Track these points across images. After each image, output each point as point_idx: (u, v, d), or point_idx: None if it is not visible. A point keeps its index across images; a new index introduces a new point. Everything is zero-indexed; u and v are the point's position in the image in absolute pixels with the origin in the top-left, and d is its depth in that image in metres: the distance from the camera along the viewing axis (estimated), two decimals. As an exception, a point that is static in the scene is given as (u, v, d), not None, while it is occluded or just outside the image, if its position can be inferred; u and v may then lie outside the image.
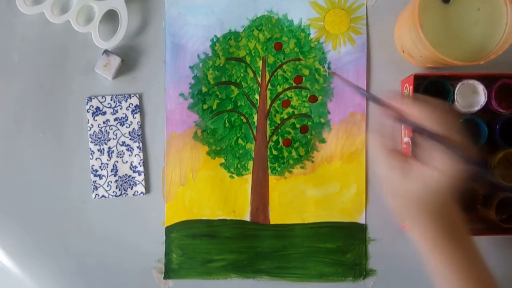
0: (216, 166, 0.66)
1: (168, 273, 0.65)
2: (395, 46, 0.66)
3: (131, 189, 0.65)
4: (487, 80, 0.61)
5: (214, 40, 0.66)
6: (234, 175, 0.66)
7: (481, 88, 0.61)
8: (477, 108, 0.61)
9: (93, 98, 0.65)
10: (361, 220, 0.66)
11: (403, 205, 0.48)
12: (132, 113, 0.66)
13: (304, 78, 0.66)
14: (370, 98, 0.50)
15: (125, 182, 0.65)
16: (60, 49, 0.65)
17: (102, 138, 0.65)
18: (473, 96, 0.61)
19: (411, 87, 0.61)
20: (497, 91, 0.61)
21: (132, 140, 0.66)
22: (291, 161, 0.66)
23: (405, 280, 0.65)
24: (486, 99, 0.61)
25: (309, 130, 0.66)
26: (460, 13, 0.60)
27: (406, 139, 0.63)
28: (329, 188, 0.66)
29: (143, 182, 0.65)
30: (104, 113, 0.65)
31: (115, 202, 0.66)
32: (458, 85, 0.61)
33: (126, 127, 0.66)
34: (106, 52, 0.64)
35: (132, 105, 0.66)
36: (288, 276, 0.65)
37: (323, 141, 0.66)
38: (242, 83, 0.66)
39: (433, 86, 0.61)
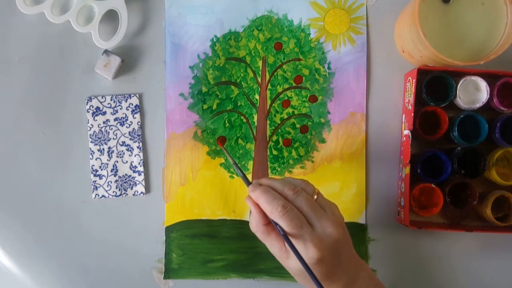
0: (216, 166, 0.66)
1: (168, 273, 0.65)
2: (395, 46, 0.66)
3: (131, 189, 0.65)
4: (490, 77, 0.62)
5: (214, 40, 0.66)
6: (234, 175, 0.66)
7: (483, 85, 0.61)
8: (478, 105, 0.61)
9: (93, 98, 0.65)
10: (361, 220, 0.66)
11: (296, 278, 0.52)
12: (132, 113, 0.66)
13: (304, 78, 0.66)
14: (242, 177, 0.55)
15: (125, 182, 0.65)
16: (60, 49, 0.66)
17: (102, 138, 0.65)
18: (475, 93, 0.61)
19: (414, 80, 0.61)
20: (500, 89, 0.61)
21: (132, 140, 0.66)
22: (291, 161, 0.66)
23: (405, 280, 0.65)
24: (488, 96, 0.61)
25: (309, 130, 0.66)
26: (460, 13, 0.60)
27: (406, 132, 0.63)
28: (329, 188, 0.66)
29: (143, 182, 0.65)
30: (104, 113, 0.65)
31: (115, 202, 0.65)
32: (461, 81, 0.61)
33: (126, 127, 0.66)
34: (106, 52, 0.64)
35: (132, 105, 0.66)
36: (288, 276, 0.65)
37: (323, 141, 0.66)
38: (242, 83, 0.66)
39: (436, 80, 0.61)
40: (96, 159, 0.65)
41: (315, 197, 0.51)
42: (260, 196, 0.49)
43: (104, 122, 0.65)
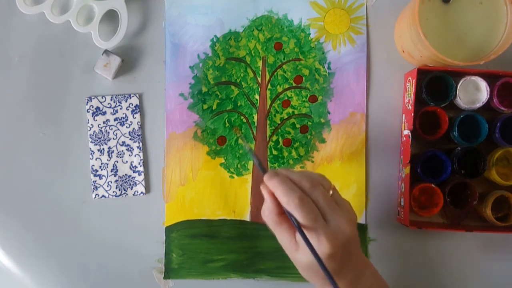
0: (216, 166, 0.66)
1: (168, 273, 0.65)
2: (395, 46, 0.66)
3: (131, 189, 0.65)
4: (490, 77, 0.62)
5: (214, 40, 0.66)
6: (234, 175, 0.66)
7: (483, 85, 0.61)
8: (478, 105, 0.61)
9: (93, 98, 0.65)
10: (361, 220, 0.66)
11: (302, 272, 0.52)
12: (132, 113, 0.66)
13: (304, 78, 0.66)
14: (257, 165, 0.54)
15: (125, 182, 0.65)
16: (60, 49, 0.66)
17: (102, 138, 0.65)
18: (475, 93, 0.61)
19: (414, 80, 0.61)
20: (500, 89, 0.61)
21: (132, 140, 0.66)
22: (291, 161, 0.66)
23: (405, 280, 0.65)
24: (488, 96, 0.61)
25: (309, 130, 0.66)
26: (460, 13, 0.60)
27: (406, 132, 0.63)
28: (329, 188, 0.65)
29: (143, 182, 0.65)
30: (104, 113, 0.65)
31: (115, 202, 0.65)
32: (461, 81, 0.61)
33: (126, 127, 0.66)
34: (106, 52, 0.64)
35: (132, 105, 0.66)
36: (288, 276, 0.65)
37: (323, 141, 0.66)
38: (242, 83, 0.66)
39: (436, 80, 0.61)
40: (96, 159, 0.65)
41: (331, 192, 0.51)
42: (277, 186, 0.49)
43: (104, 122, 0.65)
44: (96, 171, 0.65)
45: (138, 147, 0.66)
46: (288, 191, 0.48)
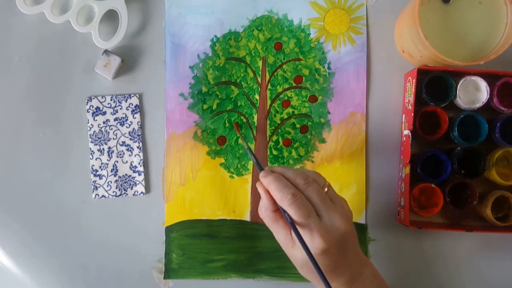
0: (216, 166, 0.66)
1: (168, 273, 0.65)
2: (395, 46, 0.66)
3: (131, 189, 0.65)
4: (490, 77, 0.62)
5: (214, 40, 0.66)
6: (234, 175, 0.66)
7: (483, 85, 0.61)
8: (478, 105, 0.61)
9: (93, 98, 0.65)
10: (361, 220, 0.66)
11: (298, 268, 0.52)
12: (132, 113, 0.66)
13: (304, 78, 0.66)
14: (256, 164, 0.55)
15: (125, 182, 0.65)
16: (60, 49, 0.66)
17: (102, 138, 0.65)
18: (475, 93, 0.61)
19: (414, 80, 0.61)
20: (500, 89, 0.61)
21: (132, 140, 0.66)
22: (291, 161, 0.66)
23: (405, 280, 0.65)
24: (488, 96, 0.61)
25: (309, 130, 0.66)
26: (460, 13, 0.60)
27: (406, 132, 0.63)
28: (329, 188, 0.65)
29: (143, 182, 0.65)
30: (104, 113, 0.65)
31: (115, 202, 0.65)
32: (461, 81, 0.61)
33: (126, 127, 0.66)
34: (106, 52, 0.64)
35: (132, 105, 0.66)
36: (288, 276, 0.65)
37: (323, 141, 0.66)
38: (242, 83, 0.66)
39: (436, 80, 0.61)
40: (96, 159, 0.65)
41: (326, 189, 0.51)
42: (271, 183, 0.49)
43: (104, 122, 0.65)
44: (96, 171, 0.65)
45: (138, 147, 0.66)
46: (282, 187, 0.49)
